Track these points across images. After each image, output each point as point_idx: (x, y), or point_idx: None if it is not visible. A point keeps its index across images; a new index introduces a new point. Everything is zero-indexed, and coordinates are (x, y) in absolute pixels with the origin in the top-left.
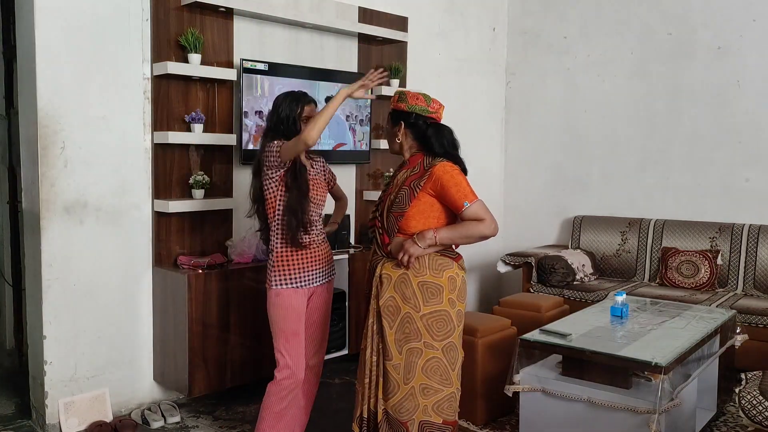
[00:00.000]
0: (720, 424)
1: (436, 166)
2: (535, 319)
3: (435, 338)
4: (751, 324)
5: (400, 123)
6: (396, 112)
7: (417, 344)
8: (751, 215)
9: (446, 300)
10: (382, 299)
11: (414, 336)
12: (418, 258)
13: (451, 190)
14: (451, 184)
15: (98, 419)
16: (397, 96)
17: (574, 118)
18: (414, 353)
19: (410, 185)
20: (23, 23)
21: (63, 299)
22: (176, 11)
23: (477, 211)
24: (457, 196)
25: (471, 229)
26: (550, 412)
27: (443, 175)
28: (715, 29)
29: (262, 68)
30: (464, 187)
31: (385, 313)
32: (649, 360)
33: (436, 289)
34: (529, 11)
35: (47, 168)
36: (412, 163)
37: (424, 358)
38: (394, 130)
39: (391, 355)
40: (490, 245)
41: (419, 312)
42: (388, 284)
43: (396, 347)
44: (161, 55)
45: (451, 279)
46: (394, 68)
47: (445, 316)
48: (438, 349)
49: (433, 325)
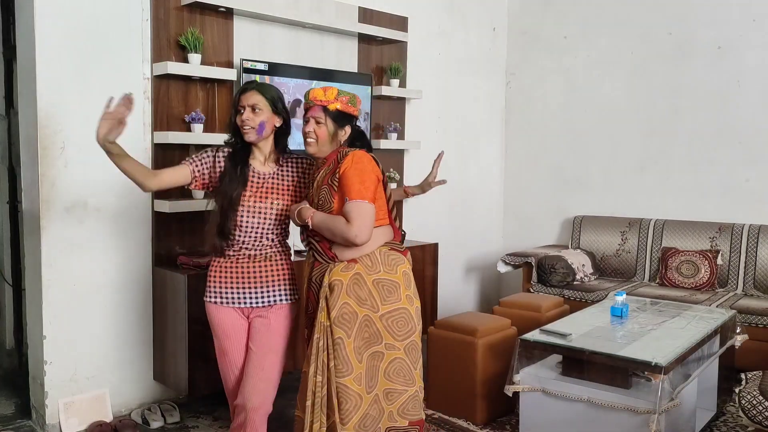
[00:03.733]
0: (720, 424)
1: (348, 156)
2: (535, 319)
3: (396, 338)
4: (751, 324)
5: (348, 125)
6: (345, 115)
7: (378, 347)
8: (751, 215)
9: (404, 297)
10: (335, 309)
11: (374, 340)
12: (369, 256)
13: (348, 180)
14: (351, 173)
15: (98, 419)
16: (347, 98)
17: (574, 118)
18: (376, 357)
19: (328, 182)
20: (23, 23)
21: (63, 299)
22: (176, 11)
23: (350, 211)
24: (347, 189)
25: (338, 226)
26: (550, 412)
27: (348, 162)
28: (715, 29)
29: (262, 68)
30: (361, 182)
31: (340, 323)
32: (649, 360)
33: (393, 286)
34: (529, 11)
35: (47, 168)
36: (328, 161)
37: (387, 361)
38: (340, 132)
39: (350, 368)
40: (490, 245)
41: (378, 312)
42: (339, 290)
43: (356, 356)
44: (161, 55)
45: (405, 275)
46: (394, 68)
47: (405, 315)
48: (400, 350)
49: (393, 324)
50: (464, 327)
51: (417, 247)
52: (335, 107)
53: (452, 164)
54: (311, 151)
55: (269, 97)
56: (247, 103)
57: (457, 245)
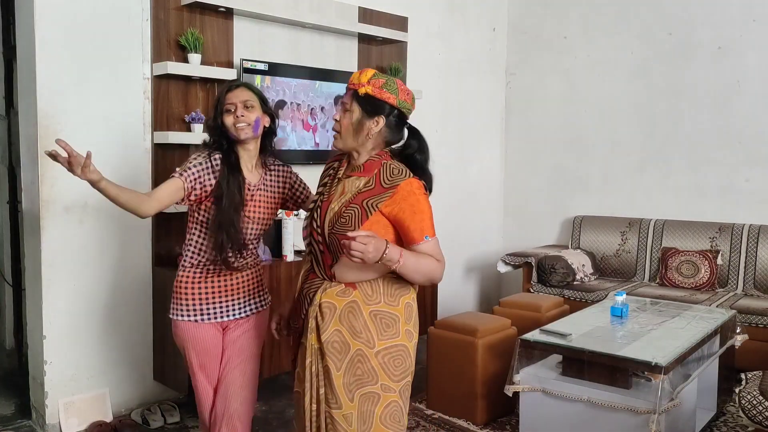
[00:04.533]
0: (720, 424)
1: (402, 184)
2: (535, 319)
3: (392, 378)
4: (751, 324)
5: (380, 116)
6: (375, 101)
7: (373, 388)
8: (751, 215)
9: (403, 332)
10: (325, 334)
11: (368, 378)
12: (371, 282)
13: (414, 217)
14: (414, 210)
15: (98, 419)
16: (381, 81)
17: (574, 118)
18: (370, 400)
19: (362, 204)
20: (23, 23)
21: (63, 299)
22: (176, 11)
23: (436, 250)
24: (417, 226)
25: (430, 267)
26: (550, 412)
27: (408, 197)
28: (715, 29)
29: (262, 68)
30: (428, 217)
31: (329, 351)
32: (649, 360)
33: (391, 320)
34: (529, 11)
35: (47, 168)
36: (367, 171)
37: (382, 405)
38: (368, 123)
39: (340, 403)
40: (490, 245)
41: (373, 348)
42: (330, 315)
43: (346, 393)
44: (161, 55)
45: (408, 306)
46: (394, 68)
47: (403, 352)
48: (395, 391)
49: (389, 363)
50: (464, 327)
51: None
52: (365, 91)
53: (452, 164)
54: (337, 146)
55: (259, 94)
56: (238, 101)
57: (457, 245)
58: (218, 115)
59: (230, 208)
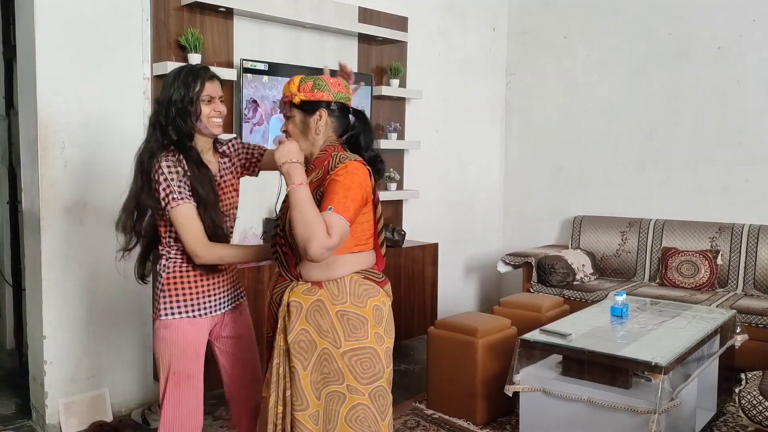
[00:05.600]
0: (720, 424)
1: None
2: (535, 319)
3: (360, 381)
4: (751, 324)
5: (321, 110)
6: (312, 103)
7: (338, 387)
8: (751, 215)
9: (372, 335)
10: (292, 334)
11: (334, 377)
12: (337, 281)
13: (331, 187)
14: (340, 184)
15: (98, 419)
16: (310, 84)
17: (574, 118)
18: (335, 399)
19: (314, 194)
20: (23, 23)
21: (63, 299)
22: (176, 11)
23: (332, 222)
24: (329, 196)
25: (315, 226)
26: (550, 412)
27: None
28: (715, 29)
29: (262, 68)
30: (346, 196)
31: (296, 351)
32: (649, 360)
33: (359, 322)
34: (529, 11)
35: (47, 168)
36: (317, 166)
37: (348, 405)
38: (311, 119)
39: (306, 403)
40: (490, 245)
41: (340, 348)
42: (297, 314)
43: (313, 391)
44: (161, 55)
45: (377, 309)
46: (394, 68)
47: (371, 355)
48: (364, 395)
49: (357, 365)
50: (464, 327)
51: (417, 247)
52: (300, 99)
53: (452, 164)
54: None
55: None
56: (216, 94)
57: (457, 245)
58: (195, 99)
59: (212, 210)
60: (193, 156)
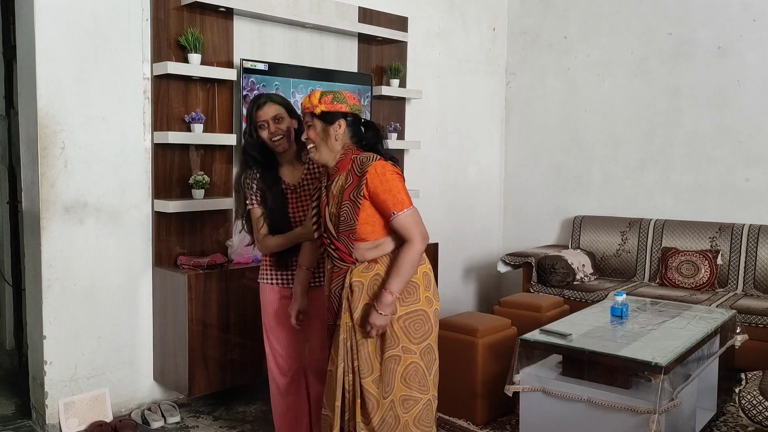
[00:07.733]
0: (720, 424)
1: (370, 168)
2: (535, 319)
3: (413, 341)
4: (751, 324)
5: (340, 120)
6: (331, 114)
7: (395, 351)
8: (751, 215)
9: (423, 298)
10: (357, 311)
11: (391, 342)
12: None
13: (381, 197)
14: (382, 190)
15: (98, 419)
16: (330, 97)
17: (574, 118)
18: (393, 361)
19: (350, 198)
20: (23, 23)
21: (63, 299)
22: (176, 11)
23: (404, 224)
24: (385, 205)
25: (408, 261)
26: (550, 412)
27: (374, 179)
28: (715, 29)
29: (262, 68)
30: (395, 192)
31: (361, 325)
32: (649, 360)
33: (413, 287)
34: (529, 11)
35: (47, 168)
36: (342, 169)
37: (403, 365)
38: (331, 128)
39: (371, 368)
40: (490, 245)
41: (396, 314)
42: (359, 292)
43: (376, 359)
44: (161, 55)
45: (426, 275)
46: (394, 68)
47: (422, 316)
48: (416, 353)
49: (410, 327)
50: (464, 327)
51: None
52: (320, 110)
53: (452, 164)
54: (314, 158)
55: (283, 103)
56: (267, 117)
57: (457, 245)
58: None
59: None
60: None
